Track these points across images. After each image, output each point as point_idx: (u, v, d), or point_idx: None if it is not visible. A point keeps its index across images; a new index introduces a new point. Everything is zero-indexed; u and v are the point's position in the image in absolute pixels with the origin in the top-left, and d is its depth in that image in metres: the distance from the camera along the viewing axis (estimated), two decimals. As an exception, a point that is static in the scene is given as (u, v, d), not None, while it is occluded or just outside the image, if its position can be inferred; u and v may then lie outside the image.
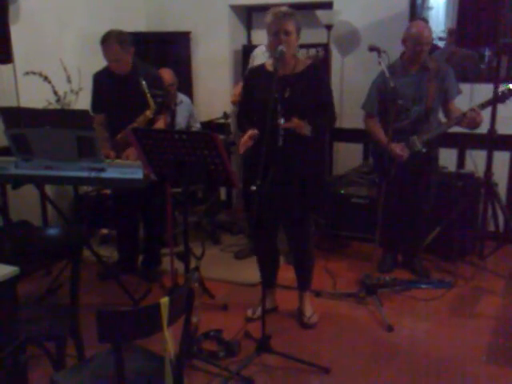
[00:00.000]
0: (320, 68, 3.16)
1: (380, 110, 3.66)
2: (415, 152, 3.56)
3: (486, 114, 3.79)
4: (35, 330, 2.32)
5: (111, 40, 3.36)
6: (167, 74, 4.38)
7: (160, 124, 3.57)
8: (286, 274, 3.55)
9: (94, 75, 3.68)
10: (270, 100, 2.66)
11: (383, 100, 3.59)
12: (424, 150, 3.55)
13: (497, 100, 3.50)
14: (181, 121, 4.40)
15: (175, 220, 4.34)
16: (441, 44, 4.84)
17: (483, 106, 3.46)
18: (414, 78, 3.58)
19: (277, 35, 2.81)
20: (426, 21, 4.67)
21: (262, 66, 3.08)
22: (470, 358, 2.91)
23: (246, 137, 2.87)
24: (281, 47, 2.78)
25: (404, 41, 3.58)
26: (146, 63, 3.70)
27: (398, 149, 3.52)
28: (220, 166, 2.58)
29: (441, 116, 3.74)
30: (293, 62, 2.93)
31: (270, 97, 2.68)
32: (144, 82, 3.31)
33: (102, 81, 3.60)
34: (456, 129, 3.99)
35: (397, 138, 3.51)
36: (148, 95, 3.33)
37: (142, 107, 3.38)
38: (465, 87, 3.66)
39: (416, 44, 3.50)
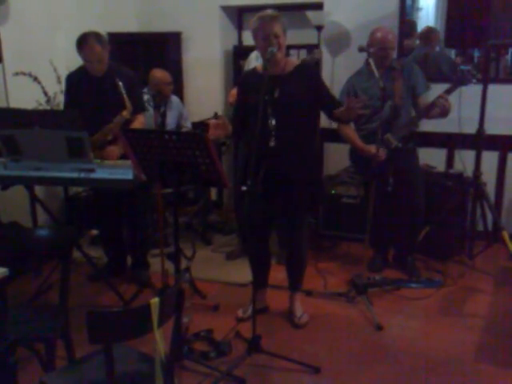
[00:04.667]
0: (310, 65, 3.19)
1: None
2: (393, 149, 3.60)
3: (475, 114, 3.85)
4: (25, 331, 2.31)
5: (92, 41, 3.34)
6: (163, 74, 4.37)
7: (136, 124, 3.55)
8: (277, 273, 3.56)
9: (68, 76, 3.65)
10: (259, 101, 2.68)
11: None
12: (400, 145, 3.60)
13: (460, 83, 3.47)
14: (170, 121, 4.39)
15: (166, 220, 4.33)
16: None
17: (449, 91, 3.46)
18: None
19: (267, 39, 2.83)
20: (413, 23, 4.73)
21: (253, 70, 3.12)
22: (460, 356, 2.93)
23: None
24: (271, 48, 2.80)
25: (369, 46, 3.62)
26: (122, 64, 3.69)
27: (374, 149, 3.54)
28: (211, 166, 2.58)
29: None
30: (283, 62, 2.96)
31: (260, 98, 2.69)
32: (120, 83, 3.30)
33: (78, 82, 3.56)
34: (445, 128, 4.04)
35: (371, 139, 3.55)
36: (124, 96, 3.32)
37: (118, 107, 3.37)
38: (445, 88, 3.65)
39: (380, 48, 3.56)
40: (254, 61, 4.01)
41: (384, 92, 3.34)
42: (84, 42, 3.36)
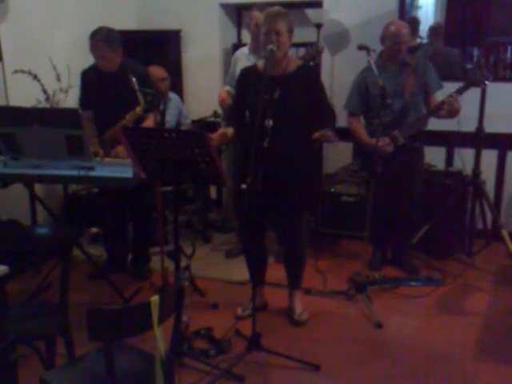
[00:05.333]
0: (311, 68, 3.16)
1: (362, 108, 3.70)
2: (399, 146, 3.60)
3: (474, 112, 3.85)
4: (25, 329, 2.31)
5: (98, 37, 3.37)
6: (159, 70, 4.37)
7: (149, 122, 3.56)
8: (276, 272, 3.56)
9: (82, 72, 3.68)
10: (258, 101, 2.66)
11: (365, 98, 3.65)
12: (406, 142, 3.59)
13: (472, 83, 3.47)
14: (170, 118, 4.39)
15: (166, 219, 4.33)
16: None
17: (460, 91, 3.45)
18: (393, 72, 3.60)
19: (268, 35, 2.80)
20: (415, 20, 4.72)
21: (253, 67, 3.07)
22: (459, 354, 2.94)
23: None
24: (270, 46, 2.77)
25: (382, 39, 3.62)
26: (135, 61, 3.70)
27: (381, 143, 3.54)
28: (210, 164, 2.58)
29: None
30: (284, 62, 2.92)
31: (259, 98, 2.68)
32: (134, 79, 3.30)
33: (91, 78, 3.60)
34: (444, 127, 4.04)
35: (379, 134, 3.55)
36: (138, 92, 3.33)
37: (131, 105, 3.37)
38: (455, 86, 3.66)
39: (394, 42, 3.55)
40: (245, 59, 3.89)
41: (383, 90, 3.33)
42: (92, 36, 3.40)
